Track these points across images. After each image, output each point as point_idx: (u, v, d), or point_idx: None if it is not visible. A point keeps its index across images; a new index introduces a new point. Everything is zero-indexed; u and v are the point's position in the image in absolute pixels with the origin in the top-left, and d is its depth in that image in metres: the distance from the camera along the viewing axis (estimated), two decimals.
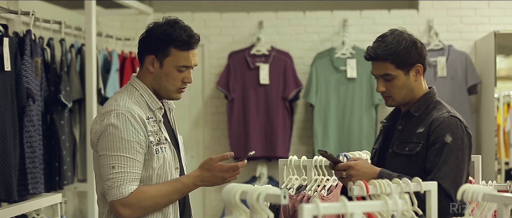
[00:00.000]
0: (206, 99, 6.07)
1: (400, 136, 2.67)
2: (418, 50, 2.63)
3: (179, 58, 2.56)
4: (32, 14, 3.85)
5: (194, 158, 6.04)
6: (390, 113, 2.82)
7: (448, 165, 2.50)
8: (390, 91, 2.65)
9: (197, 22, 5.99)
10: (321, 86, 5.69)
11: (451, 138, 2.53)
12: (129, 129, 2.49)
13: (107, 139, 2.49)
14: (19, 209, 3.46)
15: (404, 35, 2.64)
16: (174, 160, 2.65)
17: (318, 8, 6.08)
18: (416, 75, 2.64)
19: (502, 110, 6.59)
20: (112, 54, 5.22)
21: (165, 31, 2.55)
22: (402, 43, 2.60)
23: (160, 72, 2.58)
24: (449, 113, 2.59)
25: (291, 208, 2.97)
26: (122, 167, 2.47)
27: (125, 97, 2.58)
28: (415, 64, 2.63)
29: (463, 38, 5.87)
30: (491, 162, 5.30)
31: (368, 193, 2.07)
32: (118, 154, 2.47)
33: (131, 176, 2.48)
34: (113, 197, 2.47)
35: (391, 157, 2.67)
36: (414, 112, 2.65)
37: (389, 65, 2.61)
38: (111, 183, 2.47)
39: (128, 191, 2.46)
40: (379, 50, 2.61)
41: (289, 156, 3.24)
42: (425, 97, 2.67)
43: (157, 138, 2.56)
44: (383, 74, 2.63)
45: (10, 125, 3.52)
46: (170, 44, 2.55)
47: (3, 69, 3.47)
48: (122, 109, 2.52)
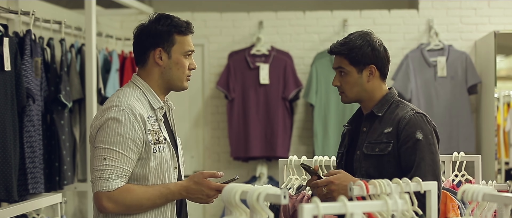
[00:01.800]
0: (206, 99, 6.07)
1: (367, 138, 2.69)
2: (375, 51, 2.69)
3: (183, 44, 2.64)
4: (32, 14, 3.85)
5: (194, 158, 6.05)
6: (352, 116, 2.86)
7: (425, 161, 2.55)
8: (343, 86, 2.74)
9: (197, 22, 5.98)
10: (321, 86, 5.69)
11: (421, 134, 2.58)
12: (128, 126, 2.51)
13: (105, 132, 2.52)
14: (19, 209, 3.46)
15: (367, 36, 2.73)
16: (172, 160, 2.66)
17: (318, 8, 6.08)
18: (369, 76, 2.70)
19: (502, 110, 6.59)
20: (112, 54, 5.22)
21: (165, 22, 2.63)
22: (359, 42, 2.70)
23: (170, 63, 2.64)
24: (413, 111, 2.65)
25: (291, 208, 2.97)
26: (113, 161, 2.49)
27: (128, 94, 2.61)
28: (368, 64, 2.68)
29: (463, 38, 5.87)
30: (491, 162, 5.30)
31: (368, 193, 2.07)
32: (112, 148, 2.50)
33: (121, 171, 2.50)
34: (99, 188, 2.49)
35: (361, 159, 2.69)
36: (378, 112, 2.70)
37: (343, 60, 2.71)
38: (100, 174, 2.50)
39: (114, 186, 2.49)
40: (338, 45, 2.73)
41: (289, 156, 3.24)
42: (386, 98, 2.72)
43: (156, 137, 2.57)
44: (337, 67, 2.73)
45: (10, 125, 3.52)
46: (174, 32, 2.62)
47: (3, 69, 3.47)
48: (123, 106, 2.54)
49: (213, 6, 6.57)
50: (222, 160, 6.06)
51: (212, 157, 6.06)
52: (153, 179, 2.58)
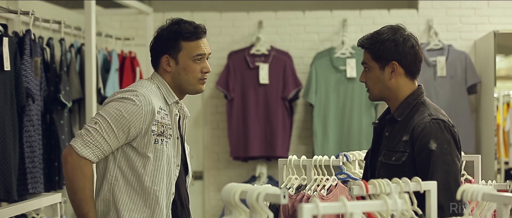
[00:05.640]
0: (206, 98, 6.07)
1: (387, 144, 2.59)
2: (398, 47, 2.55)
3: (191, 49, 2.66)
4: (31, 14, 3.85)
5: (194, 157, 6.05)
6: (383, 112, 2.73)
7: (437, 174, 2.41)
8: (367, 83, 2.63)
9: (197, 22, 5.92)
10: (321, 85, 5.69)
11: (435, 144, 2.45)
12: (134, 110, 2.56)
13: (112, 104, 2.57)
14: (18, 209, 3.46)
15: (395, 31, 2.58)
16: (176, 156, 2.67)
17: (318, 8, 6.08)
18: (392, 73, 2.57)
19: (501, 110, 6.59)
20: (111, 54, 5.22)
21: (172, 29, 2.67)
22: (383, 36, 2.56)
23: (178, 69, 2.67)
24: (430, 117, 2.50)
25: (290, 207, 2.97)
26: (102, 131, 2.54)
27: (145, 85, 2.67)
28: (391, 60, 2.56)
29: (463, 37, 5.87)
30: (491, 161, 5.30)
31: (367, 193, 2.07)
32: (108, 119, 2.55)
33: (100, 148, 2.54)
34: (74, 144, 2.53)
35: (380, 167, 2.59)
36: (398, 117, 2.57)
37: (367, 54, 2.61)
38: (85, 133, 2.54)
39: (84, 154, 2.52)
40: (364, 38, 2.61)
41: (289, 156, 3.24)
42: (408, 100, 2.58)
43: (161, 130, 2.61)
44: (363, 62, 2.64)
45: (10, 125, 3.52)
46: (179, 39, 2.66)
47: (3, 68, 3.47)
48: (139, 91, 2.60)
49: (212, 6, 6.57)
50: (221, 160, 6.06)
51: (212, 157, 6.06)
52: (150, 170, 2.59)
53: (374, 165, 2.65)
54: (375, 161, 2.65)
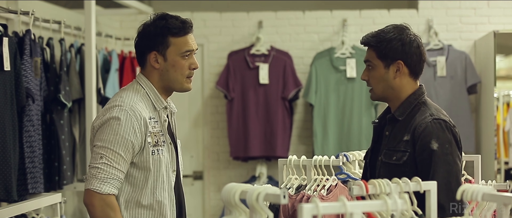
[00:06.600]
0: (206, 98, 6.07)
1: (388, 143, 2.58)
2: (404, 46, 2.55)
3: (179, 45, 2.60)
4: (31, 14, 3.85)
5: (194, 157, 6.05)
6: (383, 112, 2.72)
7: (439, 174, 2.42)
8: (370, 81, 2.62)
9: (197, 22, 5.98)
10: (321, 85, 5.69)
11: (437, 144, 2.45)
12: (128, 126, 2.51)
13: (105, 130, 2.52)
14: (18, 209, 3.46)
15: (401, 30, 2.58)
16: (171, 162, 2.66)
17: (318, 8, 6.08)
18: (396, 72, 2.56)
19: (501, 110, 6.60)
20: (111, 54, 5.22)
21: (159, 25, 2.59)
22: (389, 35, 2.56)
23: (166, 65, 2.61)
24: (432, 117, 2.51)
25: (290, 207, 2.97)
26: (110, 161, 2.50)
27: (131, 94, 2.60)
28: (396, 60, 2.55)
29: (463, 37, 5.87)
30: (491, 161, 5.30)
31: (367, 192, 2.07)
32: (110, 147, 2.51)
33: (115, 177, 2.51)
34: (92, 187, 2.50)
35: (380, 166, 2.59)
36: (399, 117, 2.57)
37: (371, 52, 2.59)
38: (96, 172, 2.51)
39: (106, 190, 2.50)
40: (369, 35, 2.60)
41: (289, 156, 3.24)
42: (409, 99, 2.58)
43: (155, 140, 2.57)
44: (366, 60, 2.61)
45: (10, 125, 3.51)
46: (167, 35, 2.59)
47: (3, 69, 3.46)
48: (126, 106, 2.54)
49: (212, 6, 6.57)
50: (221, 160, 6.06)
51: (212, 157, 6.06)
52: (153, 184, 2.58)
53: (374, 165, 2.65)
54: (375, 160, 2.65)
